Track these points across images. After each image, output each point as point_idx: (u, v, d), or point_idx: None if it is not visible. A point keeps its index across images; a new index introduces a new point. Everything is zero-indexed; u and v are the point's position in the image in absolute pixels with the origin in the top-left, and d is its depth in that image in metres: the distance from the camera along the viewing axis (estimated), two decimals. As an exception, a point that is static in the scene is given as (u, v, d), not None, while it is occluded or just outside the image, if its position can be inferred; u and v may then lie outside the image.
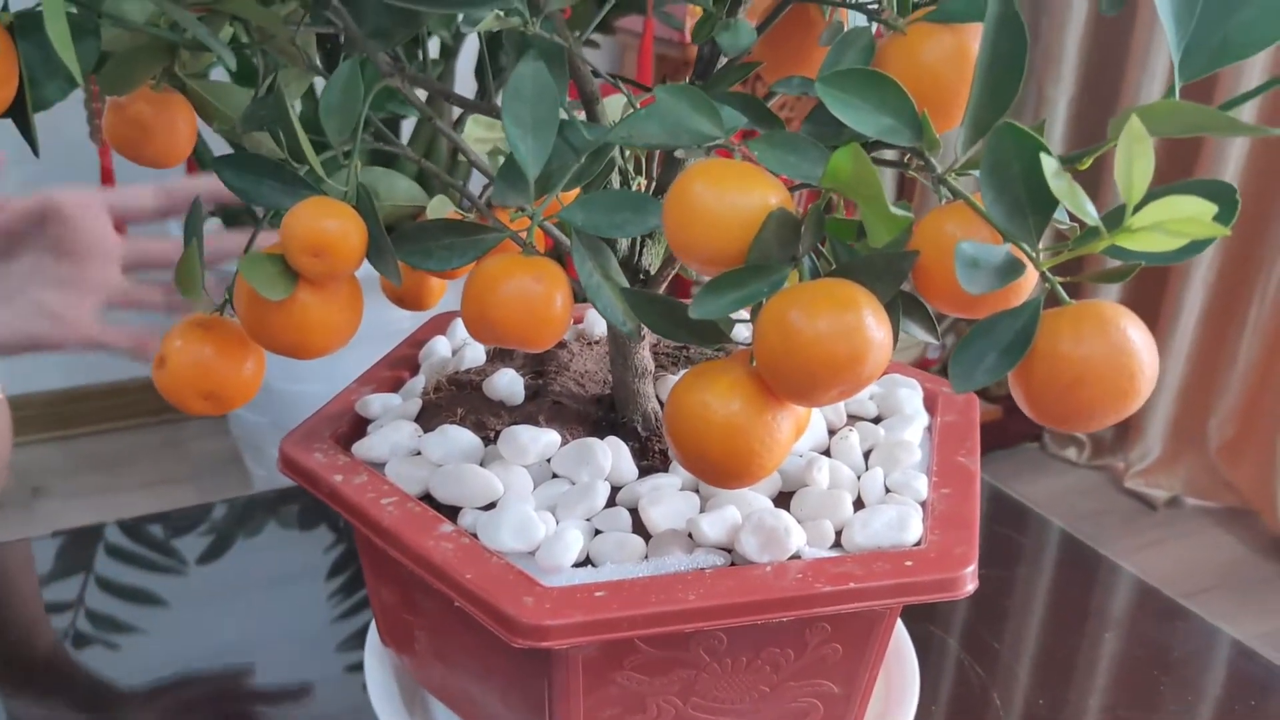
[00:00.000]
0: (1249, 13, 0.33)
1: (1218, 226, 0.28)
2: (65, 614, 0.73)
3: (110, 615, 0.73)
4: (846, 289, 0.34)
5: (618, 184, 0.48)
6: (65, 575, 0.78)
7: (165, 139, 0.47)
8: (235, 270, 0.42)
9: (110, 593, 0.75)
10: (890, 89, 0.36)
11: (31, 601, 0.76)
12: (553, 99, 0.40)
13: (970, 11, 0.37)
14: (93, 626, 0.71)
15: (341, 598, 0.75)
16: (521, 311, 0.39)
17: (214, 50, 0.38)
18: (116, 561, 0.80)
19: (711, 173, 0.36)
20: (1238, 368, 1.88)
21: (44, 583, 0.79)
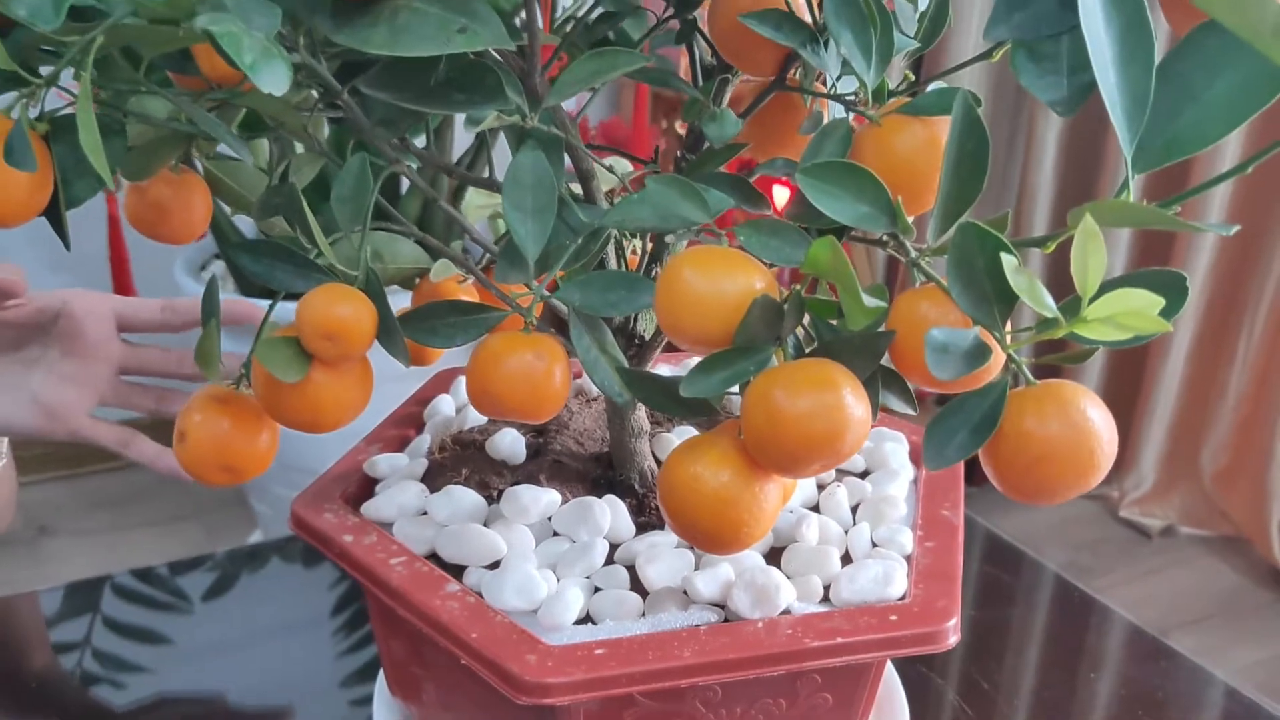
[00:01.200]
0: (1194, 114, 0.36)
1: (1162, 323, 0.31)
2: (73, 654, 0.75)
3: (116, 655, 0.75)
4: (826, 369, 0.37)
5: (612, 251, 0.51)
6: (73, 616, 0.81)
7: (182, 218, 0.49)
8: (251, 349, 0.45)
9: (117, 633, 0.78)
10: (866, 179, 0.38)
11: (41, 652, 0.78)
12: (550, 186, 0.42)
13: (940, 106, 0.39)
14: (100, 666, 0.73)
15: (345, 634, 0.77)
16: (523, 387, 0.42)
17: (230, 145, 0.40)
18: (123, 602, 0.82)
19: (700, 259, 0.39)
20: (1228, 399, 1.90)
21: (51, 624, 0.81)
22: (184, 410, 0.44)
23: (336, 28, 0.38)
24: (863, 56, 0.40)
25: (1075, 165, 1.96)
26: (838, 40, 0.40)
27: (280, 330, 0.42)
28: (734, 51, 0.44)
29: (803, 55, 0.41)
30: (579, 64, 0.41)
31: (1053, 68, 0.38)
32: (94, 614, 0.80)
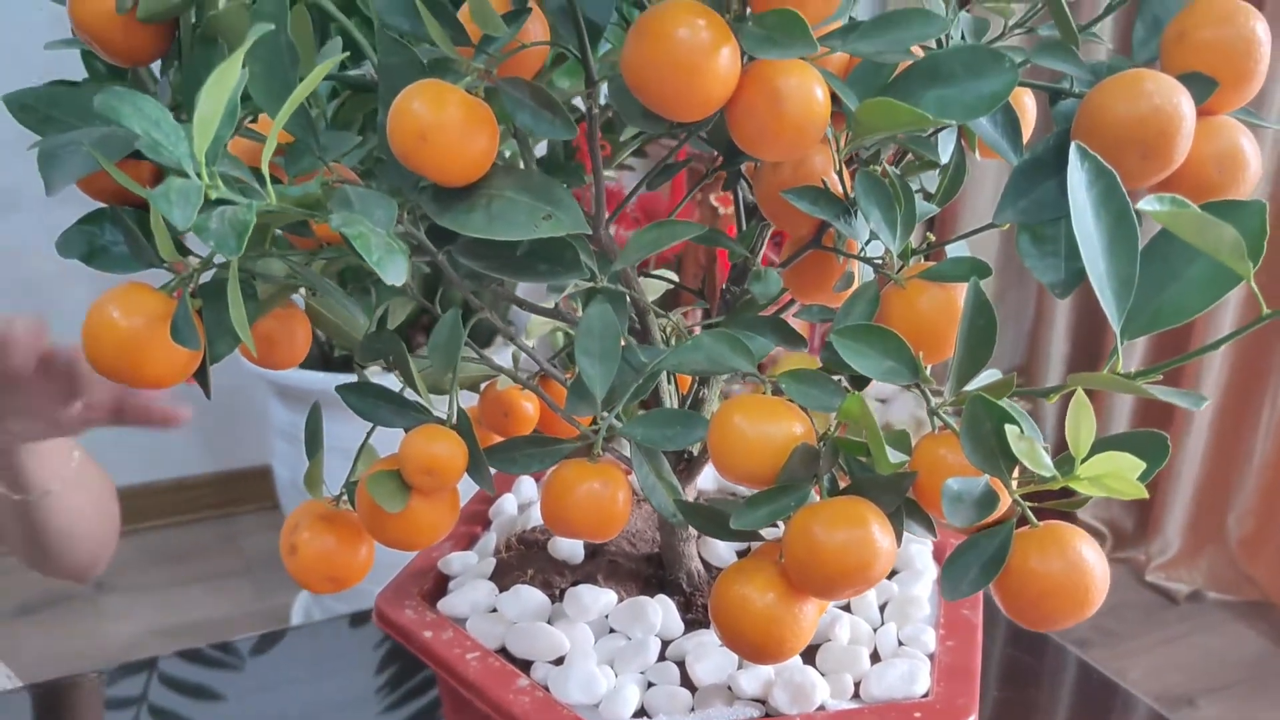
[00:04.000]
0: (1176, 291, 0.42)
1: (1140, 489, 0.36)
2: (128, 710, 0.81)
3: (172, 710, 0.81)
4: (858, 507, 0.43)
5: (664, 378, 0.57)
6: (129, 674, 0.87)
7: (287, 349, 0.55)
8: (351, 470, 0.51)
9: (171, 688, 0.84)
10: (891, 340, 0.44)
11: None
12: (615, 334, 0.49)
13: (956, 274, 0.45)
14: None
15: (388, 690, 0.83)
16: (591, 512, 0.48)
17: (339, 302, 0.47)
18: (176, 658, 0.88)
19: (748, 407, 0.45)
20: (1253, 465, 1.94)
21: (108, 683, 0.87)
22: (292, 526, 0.51)
23: (439, 211, 0.45)
24: (889, 230, 0.46)
25: (1090, 295, 2.02)
26: (866, 216, 0.46)
27: (382, 463, 0.48)
28: (775, 215, 0.51)
29: (836, 226, 0.47)
30: (643, 233, 0.48)
31: (1053, 250, 0.44)
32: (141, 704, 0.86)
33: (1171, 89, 0.42)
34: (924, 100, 0.44)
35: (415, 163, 0.43)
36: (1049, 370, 2.17)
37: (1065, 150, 0.44)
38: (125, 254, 0.44)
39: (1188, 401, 0.39)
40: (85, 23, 0.45)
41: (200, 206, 0.34)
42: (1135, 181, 0.43)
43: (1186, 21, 0.44)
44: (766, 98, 0.41)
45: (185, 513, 2.11)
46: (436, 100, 0.42)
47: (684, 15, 0.39)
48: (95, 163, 0.41)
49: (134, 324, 0.40)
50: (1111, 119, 0.42)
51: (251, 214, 0.35)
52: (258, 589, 1.94)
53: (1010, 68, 0.43)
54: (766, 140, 0.42)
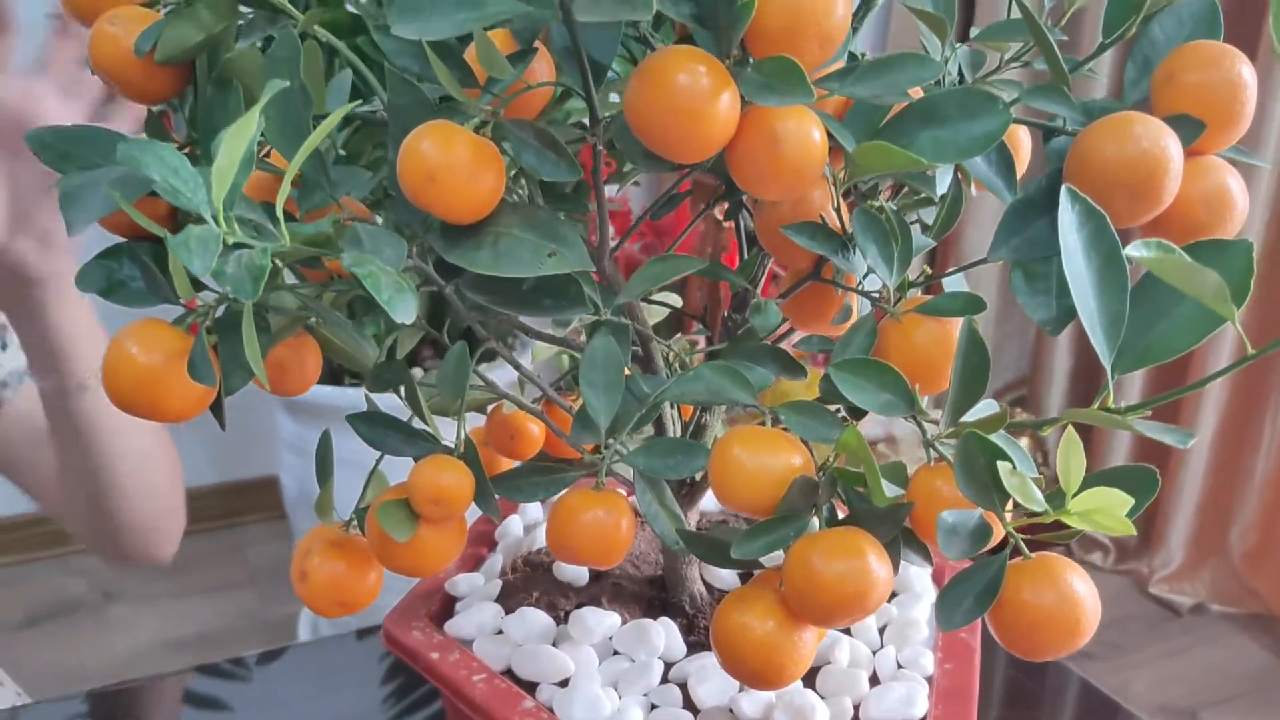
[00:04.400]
0: (1165, 327, 0.43)
1: (1128, 524, 0.37)
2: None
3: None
4: (855, 539, 0.44)
5: (666, 406, 0.58)
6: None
7: (298, 375, 0.56)
8: (360, 496, 0.53)
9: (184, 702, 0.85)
10: (888, 374, 0.45)
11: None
12: (619, 365, 0.50)
13: (952, 309, 0.47)
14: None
15: (394, 703, 0.84)
16: (596, 540, 0.49)
17: (349, 335, 0.48)
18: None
19: (748, 439, 0.46)
20: (1255, 480, 1.94)
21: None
22: (303, 551, 0.52)
23: (447, 247, 0.46)
24: (886, 265, 0.47)
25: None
26: (864, 251, 0.47)
27: (390, 493, 0.49)
28: (775, 248, 0.52)
29: (834, 261, 0.48)
30: (647, 267, 0.49)
31: (1044, 287, 0.45)
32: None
33: (1159, 132, 0.43)
34: (919, 140, 0.45)
35: (424, 202, 0.44)
36: (1052, 384, 2.18)
37: (1057, 189, 0.45)
38: (143, 289, 0.46)
39: (1175, 439, 0.40)
40: (104, 64, 0.46)
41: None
42: (1125, 221, 0.44)
43: (1175, 64, 0.45)
44: (765, 141, 0.42)
45: (191, 523, 2.11)
46: (445, 141, 0.43)
47: (685, 62, 0.41)
48: (115, 202, 0.42)
49: (152, 360, 0.42)
50: (1101, 161, 0.43)
51: (266, 259, 0.36)
52: (263, 599, 1.96)
53: (1003, 109, 0.44)
54: (765, 182, 0.43)
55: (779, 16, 0.40)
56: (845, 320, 0.52)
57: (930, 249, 0.54)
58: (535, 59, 0.47)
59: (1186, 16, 0.48)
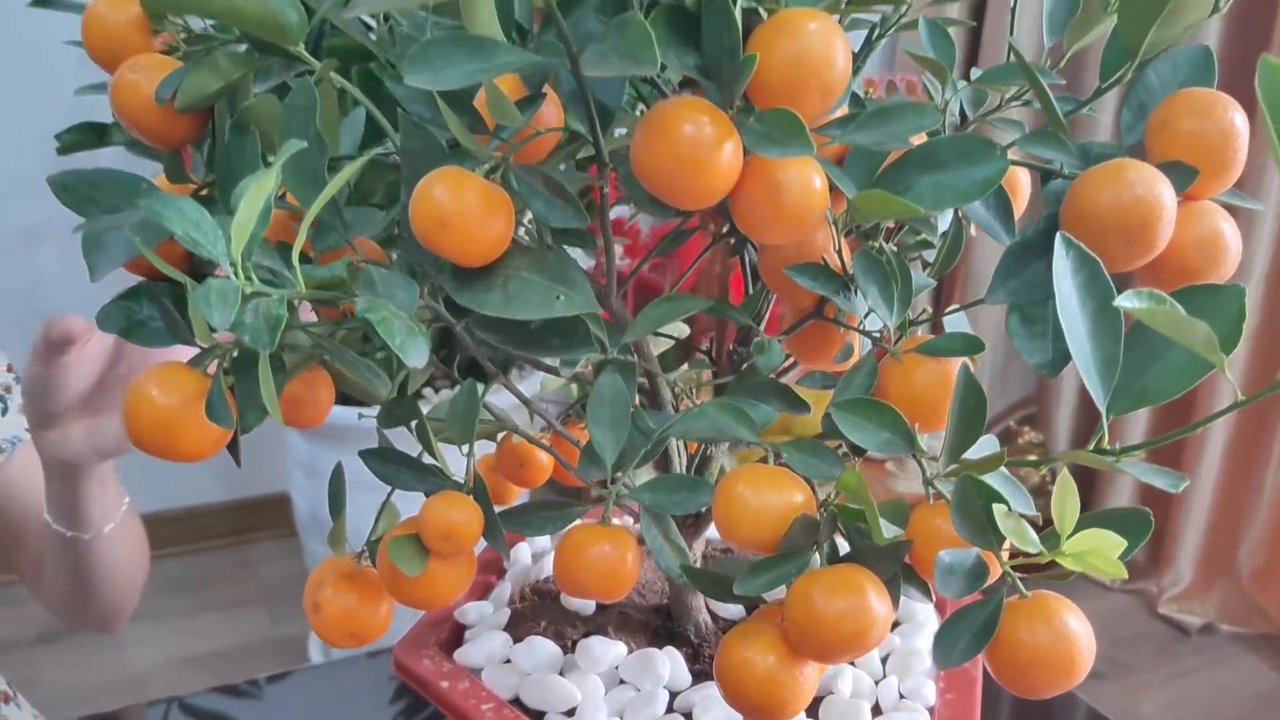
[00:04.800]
0: (1159, 370, 0.44)
1: (1120, 567, 0.38)
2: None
3: None
4: (856, 576, 0.45)
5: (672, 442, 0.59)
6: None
7: (312, 408, 0.58)
8: (371, 529, 0.54)
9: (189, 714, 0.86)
10: (888, 413, 0.46)
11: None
12: (625, 402, 0.51)
13: (950, 349, 0.48)
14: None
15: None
16: (602, 574, 0.50)
17: (361, 373, 0.49)
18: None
19: (751, 478, 0.47)
20: (1264, 498, 1.94)
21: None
22: (316, 583, 0.53)
23: (458, 289, 0.47)
24: (886, 306, 0.48)
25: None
26: (865, 293, 0.48)
27: (401, 528, 0.50)
28: (778, 287, 0.53)
29: (835, 301, 0.49)
30: (653, 307, 0.50)
31: (1041, 330, 0.46)
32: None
33: (1153, 179, 0.44)
34: (919, 185, 0.46)
35: (436, 246, 0.45)
36: (1061, 403, 2.18)
37: (1054, 233, 0.46)
38: (161, 329, 0.47)
39: (1167, 483, 0.41)
40: (125, 112, 0.47)
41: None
42: (1119, 266, 0.45)
43: (1169, 111, 0.46)
44: (767, 189, 0.43)
45: (202, 540, 2.13)
46: (456, 188, 0.44)
47: (690, 113, 0.42)
48: (136, 248, 0.43)
49: (171, 402, 0.43)
50: (1096, 207, 0.44)
51: (283, 307, 0.37)
52: (274, 617, 1.97)
53: (1000, 155, 0.45)
54: (767, 228, 0.44)
55: (781, 71, 0.41)
56: (847, 358, 0.53)
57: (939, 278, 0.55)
58: (544, 102, 0.49)
59: (1181, 62, 0.49)
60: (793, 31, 0.42)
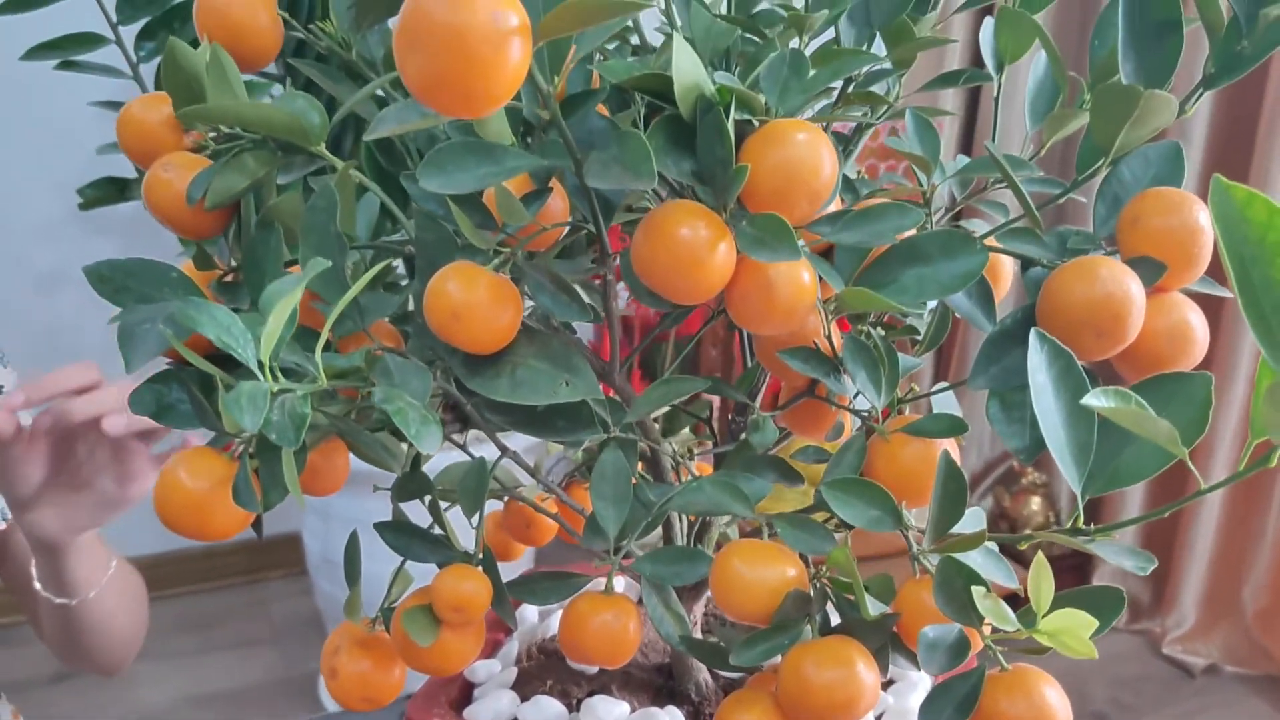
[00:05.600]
0: (1132, 453, 0.46)
1: (1091, 647, 0.41)
2: None
3: None
4: (845, 647, 0.47)
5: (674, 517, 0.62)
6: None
7: (329, 477, 0.60)
8: (385, 597, 0.56)
9: None
10: (876, 492, 0.49)
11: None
12: (627, 478, 0.54)
13: (935, 430, 0.50)
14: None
15: None
16: (605, 642, 0.52)
17: (376, 454, 0.52)
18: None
19: (746, 552, 0.50)
20: (1267, 539, 1.96)
21: None
22: (332, 649, 0.55)
23: (469, 375, 0.50)
24: (874, 388, 0.51)
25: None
26: (853, 376, 0.51)
27: (414, 598, 0.53)
28: (772, 368, 0.56)
29: (825, 383, 0.52)
30: (654, 388, 0.53)
31: (1020, 416, 0.49)
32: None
33: (1122, 276, 0.47)
34: (903, 278, 0.49)
35: (448, 336, 0.48)
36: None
37: (1032, 321, 0.49)
38: (189, 412, 0.50)
39: (1135, 564, 0.44)
40: (158, 208, 0.51)
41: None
42: (1092, 356, 0.47)
43: (1139, 209, 0.49)
44: (759, 286, 0.46)
45: (215, 579, 2.16)
46: (467, 282, 0.47)
47: (686, 216, 0.45)
48: (168, 340, 0.46)
49: (200, 487, 0.46)
50: (1069, 302, 0.47)
51: (307, 405, 0.40)
52: (285, 657, 1.99)
53: (980, 250, 0.48)
54: (760, 321, 0.47)
55: (771, 179, 0.44)
56: (837, 436, 0.55)
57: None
58: (551, 196, 0.52)
59: (1154, 157, 0.52)
60: (782, 142, 0.45)
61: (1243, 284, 0.38)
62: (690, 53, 0.44)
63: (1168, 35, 0.49)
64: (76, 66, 1.37)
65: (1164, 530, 2.09)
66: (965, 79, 0.61)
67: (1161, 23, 0.49)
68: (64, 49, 1.41)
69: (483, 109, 0.39)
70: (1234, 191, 0.38)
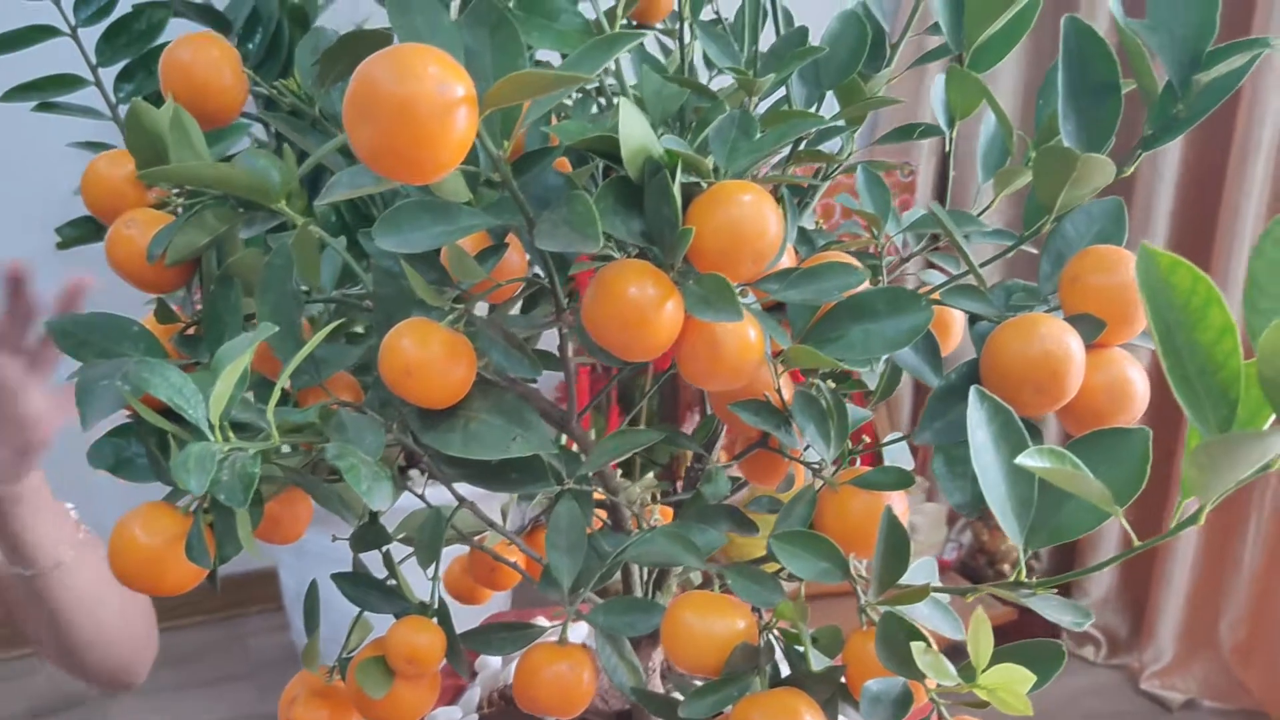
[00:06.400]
0: (1072, 507, 0.47)
1: (1025, 704, 0.42)
2: None
3: None
4: (793, 699, 0.48)
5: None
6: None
7: (290, 526, 0.61)
8: (344, 647, 0.57)
9: None
10: (824, 545, 0.50)
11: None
12: (581, 529, 0.54)
13: (883, 483, 0.51)
14: None
15: None
16: (557, 693, 0.53)
17: (336, 509, 0.53)
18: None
19: (696, 604, 0.51)
20: (1243, 574, 1.97)
21: None
22: (289, 699, 0.56)
23: (423, 430, 0.51)
24: (823, 441, 0.52)
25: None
26: (802, 429, 0.52)
27: (368, 650, 0.54)
28: (726, 419, 0.56)
29: (776, 435, 0.53)
30: (609, 440, 0.54)
31: (963, 471, 0.50)
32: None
33: (1061, 334, 0.48)
34: (851, 334, 0.50)
35: (402, 392, 0.49)
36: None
37: (975, 378, 0.50)
38: (146, 466, 0.50)
39: (1071, 620, 0.45)
40: (120, 265, 0.51)
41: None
42: (1033, 413, 0.48)
43: (1079, 267, 0.50)
44: (706, 343, 0.47)
45: (192, 615, 2.15)
46: (421, 339, 0.48)
47: (635, 276, 0.46)
48: (124, 398, 0.47)
49: (154, 543, 0.46)
50: (1009, 359, 0.48)
51: (257, 465, 0.41)
52: (262, 692, 1.98)
53: (925, 306, 0.49)
54: (708, 378, 0.48)
55: (716, 239, 0.45)
56: (789, 488, 0.56)
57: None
58: (508, 250, 0.53)
59: (1097, 214, 0.54)
60: (727, 203, 0.46)
61: (1167, 348, 0.39)
62: (638, 117, 0.46)
63: (1106, 97, 0.50)
64: (55, 109, 1.38)
65: (1141, 564, 2.10)
66: (920, 133, 0.63)
67: (1100, 85, 0.50)
68: (43, 90, 1.42)
69: (431, 176, 0.40)
70: (1159, 258, 0.39)
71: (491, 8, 0.45)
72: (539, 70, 0.38)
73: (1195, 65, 0.48)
